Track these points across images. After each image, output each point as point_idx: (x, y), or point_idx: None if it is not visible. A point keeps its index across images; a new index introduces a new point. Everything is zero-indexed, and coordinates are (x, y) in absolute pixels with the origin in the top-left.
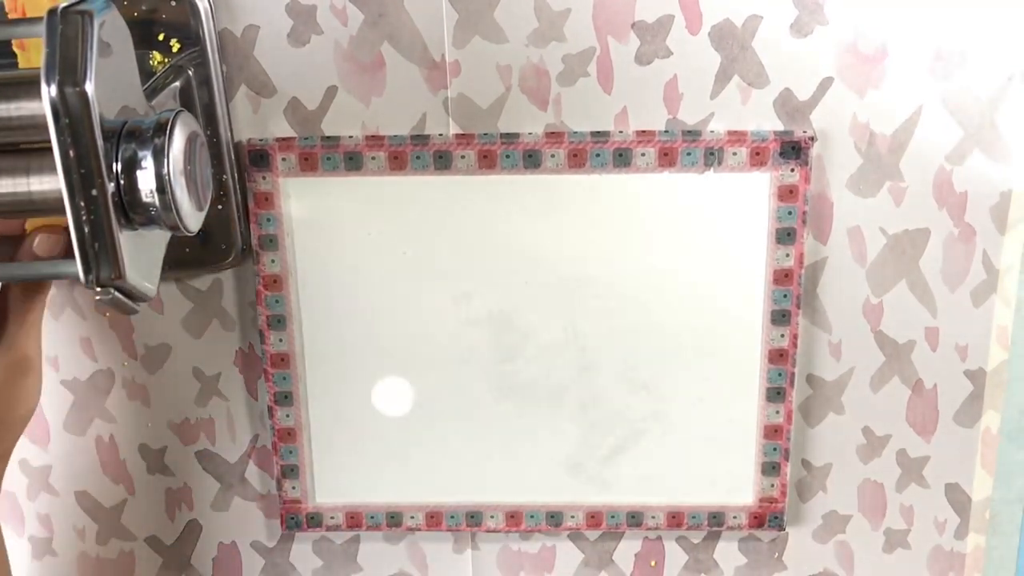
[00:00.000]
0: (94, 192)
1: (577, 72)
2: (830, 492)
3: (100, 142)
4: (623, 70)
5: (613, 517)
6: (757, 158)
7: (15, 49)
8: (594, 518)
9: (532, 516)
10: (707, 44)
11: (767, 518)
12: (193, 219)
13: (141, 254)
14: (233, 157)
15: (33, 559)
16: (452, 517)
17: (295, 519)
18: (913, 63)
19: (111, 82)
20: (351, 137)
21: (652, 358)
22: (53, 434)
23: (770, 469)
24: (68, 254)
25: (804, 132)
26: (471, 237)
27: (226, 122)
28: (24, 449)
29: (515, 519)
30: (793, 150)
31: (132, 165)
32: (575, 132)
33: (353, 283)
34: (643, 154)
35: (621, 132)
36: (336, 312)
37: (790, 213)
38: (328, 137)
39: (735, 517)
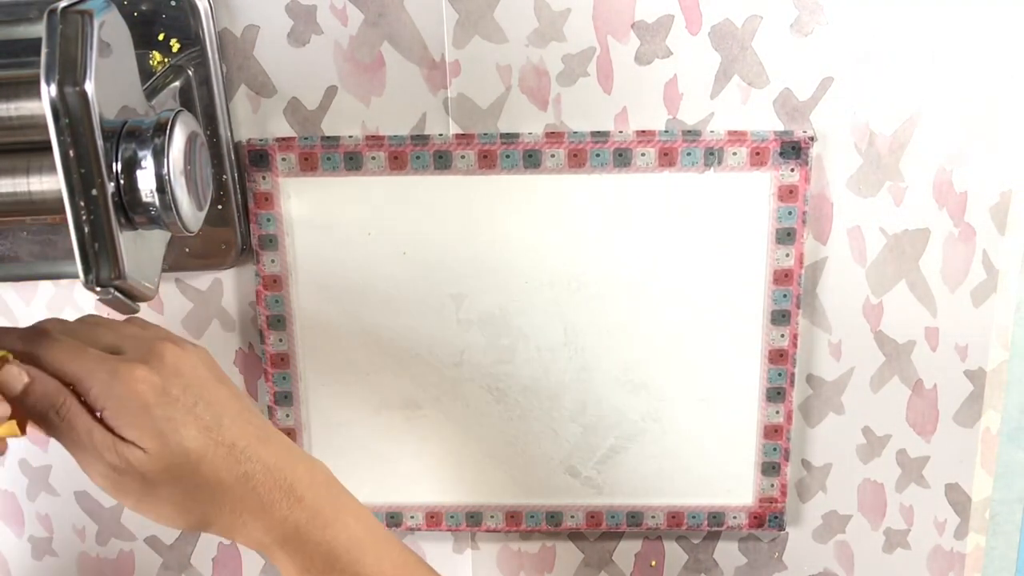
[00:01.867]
0: (94, 192)
1: (577, 72)
2: (830, 492)
3: (100, 142)
4: (623, 70)
5: (613, 517)
6: (757, 158)
7: None
8: (594, 518)
9: (532, 516)
10: (707, 44)
11: (767, 518)
12: (193, 219)
13: (141, 254)
14: (233, 157)
15: (33, 559)
16: (452, 517)
17: None
18: (913, 63)
19: (111, 82)
20: (351, 137)
21: (652, 358)
22: None
23: (770, 469)
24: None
25: (804, 132)
26: (471, 237)
27: (226, 122)
28: (24, 449)
29: (515, 519)
30: (793, 150)
31: (132, 165)
32: (575, 132)
33: (353, 283)
34: (643, 154)
35: (621, 132)
36: (336, 312)
37: (790, 213)
38: (328, 137)
39: (735, 517)
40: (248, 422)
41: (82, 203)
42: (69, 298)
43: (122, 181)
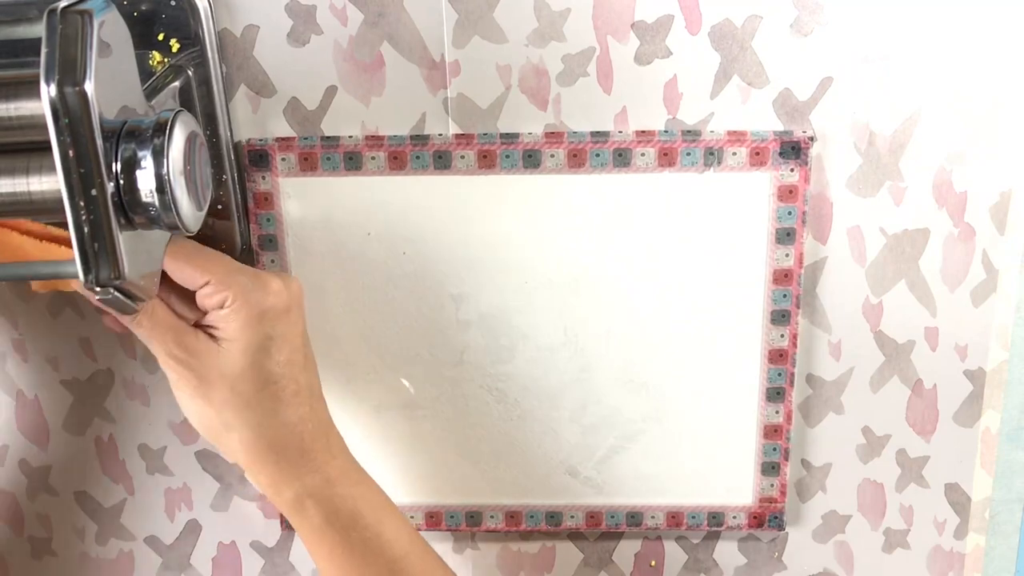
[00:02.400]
0: (94, 192)
1: (577, 72)
2: (830, 492)
3: (100, 142)
4: (623, 70)
5: (612, 517)
6: (757, 158)
7: None
8: (593, 518)
9: (532, 516)
10: (707, 44)
11: (767, 518)
12: (193, 219)
13: (141, 254)
14: (233, 157)
15: (33, 559)
16: (452, 517)
17: None
18: (913, 63)
19: (111, 82)
20: (351, 137)
21: (651, 358)
22: (53, 434)
23: (770, 469)
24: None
25: (804, 132)
26: (470, 237)
27: (226, 122)
28: (24, 449)
29: (515, 519)
30: (793, 150)
31: (132, 165)
32: (575, 132)
33: (353, 283)
34: (643, 154)
35: (621, 132)
36: (335, 312)
37: (790, 213)
38: (328, 137)
39: (735, 517)
40: (317, 376)
41: (82, 203)
42: (69, 298)
43: (122, 181)
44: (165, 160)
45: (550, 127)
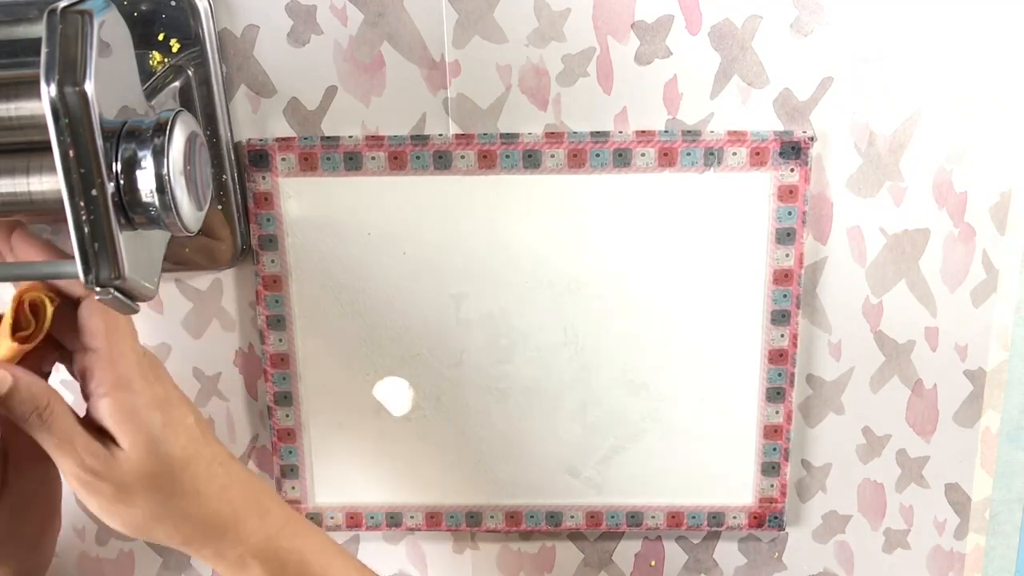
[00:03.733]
0: (94, 192)
1: (577, 72)
2: (830, 492)
3: (100, 142)
4: (623, 70)
5: (613, 517)
6: (757, 158)
7: None
8: (594, 518)
9: (532, 516)
10: (707, 44)
11: (767, 518)
12: (193, 219)
13: (141, 254)
14: (233, 157)
15: None
16: (452, 517)
17: None
18: (913, 63)
19: (111, 82)
20: (351, 137)
21: (652, 358)
22: None
23: (770, 469)
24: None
25: (804, 132)
26: (470, 237)
27: (226, 122)
28: None
29: (515, 519)
30: (793, 150)
31: (132, 165)
32: (575, 132)
33: (353, 283)
34: (643, 154)
35: (621, 132)
36: (335, 312)
37: (790, 213)
38: (328, 137)
39: (735, 517)
40: (218, 440)
41: (82, 203)
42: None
43: (122, 181)
44: (165, 160)
45: (550, 127)
